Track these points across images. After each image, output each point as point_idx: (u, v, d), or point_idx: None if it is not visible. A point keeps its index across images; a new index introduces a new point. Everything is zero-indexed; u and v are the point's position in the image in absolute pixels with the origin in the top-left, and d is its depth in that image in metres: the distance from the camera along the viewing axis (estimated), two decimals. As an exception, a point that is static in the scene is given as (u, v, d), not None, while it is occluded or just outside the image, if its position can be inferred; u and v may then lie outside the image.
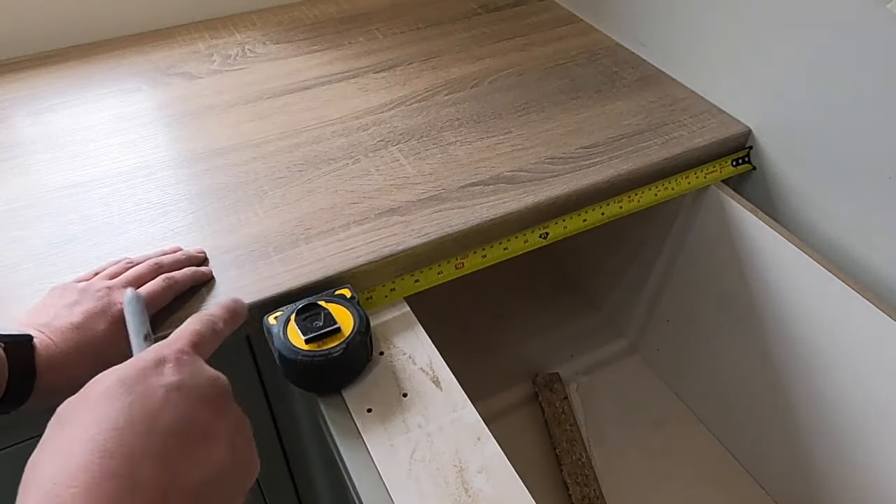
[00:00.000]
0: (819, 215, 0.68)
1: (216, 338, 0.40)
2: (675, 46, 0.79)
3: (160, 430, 0.30)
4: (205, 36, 0.88)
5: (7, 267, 0.55)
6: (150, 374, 0.33)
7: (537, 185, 0.64)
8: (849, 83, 0.61)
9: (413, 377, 0.51)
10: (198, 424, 0.32)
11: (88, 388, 0.32)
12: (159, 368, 0.33)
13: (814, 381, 0.67)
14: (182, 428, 0.31)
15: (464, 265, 0.61)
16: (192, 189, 0.63)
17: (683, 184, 0.70)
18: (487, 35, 0.88)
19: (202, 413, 0.32)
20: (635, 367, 0.93)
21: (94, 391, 0.32)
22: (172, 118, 0.73)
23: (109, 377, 0.32)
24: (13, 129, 0.71)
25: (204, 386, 0.34)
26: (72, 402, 0.32)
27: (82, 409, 0.31)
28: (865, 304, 0.59)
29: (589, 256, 0.99)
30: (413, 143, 0.69)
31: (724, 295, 0.76)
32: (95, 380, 0.33)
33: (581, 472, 0.78)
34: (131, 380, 0.32)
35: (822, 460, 0.69)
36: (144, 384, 0.32)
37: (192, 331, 0.38)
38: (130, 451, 0.29)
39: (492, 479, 0.45)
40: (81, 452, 0.28)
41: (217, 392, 0.34)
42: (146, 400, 0.31)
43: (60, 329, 0.44)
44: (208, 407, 0.33)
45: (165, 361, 0.34)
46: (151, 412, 0.31)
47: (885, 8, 0.55)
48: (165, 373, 0.33)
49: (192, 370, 0.34)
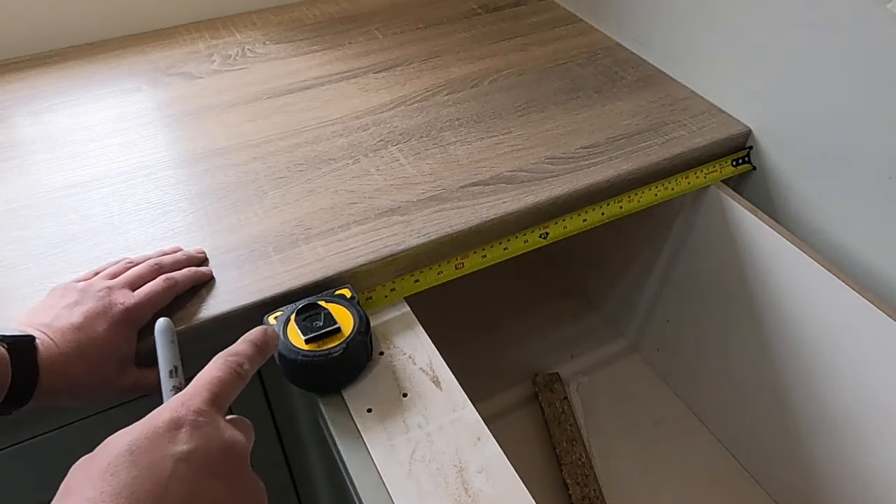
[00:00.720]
0: (819, 215, 0.68)
1: (241, 382, 0.38)
2: (675, 46, 0.79)
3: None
4: (205, 36, 0.88)
5: (7, 267, 0.55)
6: (162, 441, 0.31)
7: (537, 185, 0.64)
8: (849, 83, 0.61)
9: (413, 377, 0.51)
10: (206, 498, 0.31)
11: (98, 455, 0.31)
12: (173, 434, 0.32)
13: (814, 380, 0.67)
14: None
15: (464, 265, 0.61)
16: (192, 189, 0.63)
17: (683, 184, 0.70)
18: (487, 35, 0.88)
19: (210, 487, 0.31)
20: (635, 367, 0.93)
21: (102, 460, 0.30)
22: (172, 118, 0.73)
23: (119, 444, 0.31)
24: (13, 129, 0.71)
25: (216, 454, 0.33)
26: (79, 467, 0.31)
27: (87, 480, 0.30)
28: (865, 304, 0.59)
29: (589, 256, 0.99)
30: (413, 143, 0.69)
31: (724, 295, 0.76)
32: (106, 444, 0.31)
33: (581, 472, 0.78)
34: (140, 450, 0.31)
35: (821, 460, 0.69)
36: (153, 455, 0.31)
37: (213, 379, 0.36)
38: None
39: (492, 479, 0.45)
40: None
41: (230, 460, 0.33)
42: (153, 474, 0.30)
43: (61, 330, 0.44)
44: (218, 479, 0.32)
45: (181, 426, 0.32)
46: (157, 491, 0.29)
47: (885, 8, 0.55)
48: (178, 440, 0.32)
49: (207, 436, 0.33)
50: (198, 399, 0.34)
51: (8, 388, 0.41)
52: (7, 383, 0.41)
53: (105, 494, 0.28)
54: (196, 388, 0.36)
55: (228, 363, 0.38)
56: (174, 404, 0.34)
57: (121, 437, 0.32)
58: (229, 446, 0.33)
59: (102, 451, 0.31)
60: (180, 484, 0.30)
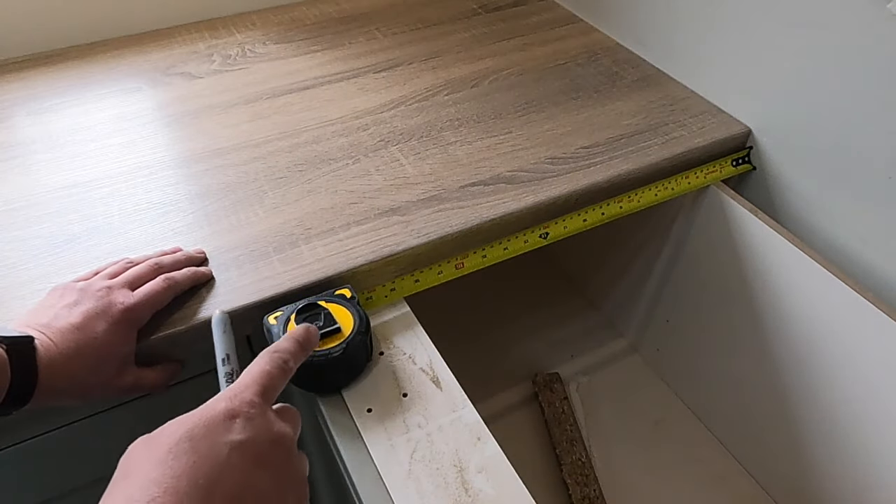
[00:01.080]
0: (819, 215, 0.68)
1: (286, 377, 0.40)
2: (675, 46, 0.79)
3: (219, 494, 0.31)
4: (205, 36, 0.88)
5: (7, 267, 0.55)
6: (219, 429, 0.34)
7: (537, 185, 0.64)
8: (849, 83, 0.61)
9: (413, 377, 0.51)
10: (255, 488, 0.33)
11: (157, 438, 0.33)
12: (228, 423, 0.34)
13: (813, 380, 0.67)
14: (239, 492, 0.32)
15: (464, 265, 0.61)
16: (192, 189, 0.63)
17: (683, 184, 0.70)
18: (487, 35, 0.88)
19: (260, 477, 0.33)
20: (635, 367, 0.93)
21: (163, 443, 0.32)
22: (172, 118, 0.73)
23: (179, 430, 0.33)
24: (13, 129, 0.71)
25: (266, 446, 0.35)
26: (140, 448, 0.33)
27: (148, 462, 0.32)
28: (865, 304, 0.59)
29: (589, 256, 0.99)
30: (413, 143, 0.69)
31: (724, 295, 0.76)
32: (164, 429, 0.33)
33: (581, 472, 0.78)
34: (198, 437, 0.33)
35: (822, 460, 0.69)
36: (210, 440, 0.33)
37: (263, 373, 0.38)
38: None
39: (492, 479, 0.45)
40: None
41: (278, 452, 0.35)
42: (209, 460, 0.32)
43: (61, 330, 0.44)
44: (268, 468, 0.34)
45: (235, 416, 0.35)
46: (212, 476, 0.31)
47: (886, 8, 0.55)
48: (234, 429, 0.34)
49: (259, 427, 0.35)
50: (249, 392, 0.36)
51: (7, 389, 0.41)
52: (6, 384, 0.41)
53: (167, 476, 0.30)
54: (247, 381, 0.37)
55: (275, 359, 0.40)
56: (227, 395, 0.36)
57: (180, 423, 0.34)
58: (278, 439, 0.36)
59: (161, 435, 0.33)
60: (233, 471, 0.32)
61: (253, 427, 0.35)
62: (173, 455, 0.32)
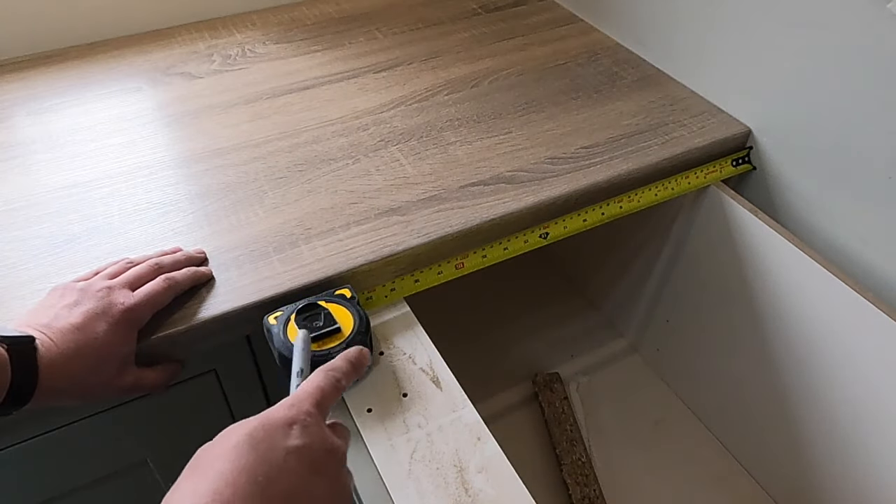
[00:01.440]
0: (819, 215, 0.68)
1: (338, 394, 0.42)
2: (675, 46, 0.79)
3: (274, 493, 0.33)
4: (205, 36, 0.88)
5: (7, 267, 0.55)
6: (277, 434, 0.36)
7: (537, 185, 0.64)
8: (849, 83, 0.61)
9: (413, 377, 0.51)
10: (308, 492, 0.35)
11: (223, 438, 0.36)
12: (286, 430, 0.36)
13: (813, 380, 0.67)
14: (293, 493, 0.34)
15: (464, 265, 0.61)
16: (192, 189, 0.63)
17: (683, 184, 0.70)
18: (487, 35, 0.88)
19: (314, 482, 0.35)
20: (635, 367, 0.93)
21: (227, 443, 0.35)
22: (172, 118, 0.73)
23: (240, 431, 0.35)
24: (13, 129, 0.71)
25: (320, 454, 0.37)
26: (207, 451, 0.35)
27: (217, 458, 0.34)
28: (865, 304, 0.59)
29: (589, 256, 0.99)
30: (413, 143, 0.69)
31: (724, 295, 0.76)
32: (227, 433, 0.36)
33: (581, 472, 0.78)
34: (257, 439, 0.35)
35: (822, 460, 0.69)
36: (270, 443, 0.35)
37: (318, 389, 0.40)
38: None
39: (492, 479, 0.45)
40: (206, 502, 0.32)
41: (330, 462, 0.37)
42: (267, 461, 0.34)
43: (61, 330, 0.44)
44: (321, 475, 0.36)
45: (293, 423, 0.37)
46: (270, 475, 0.34)
47: (886, 8, 0.55)
48: (291, 436, 0.36)
49: (315, 435, 0.37)
50: (306, 403, 0.39)
51: (8, 389, 0.41)
52: (7, 383, 0.41)
53: (233, 468, 0.33)
54: (303, 394, 0.40)
55: (329, 377, 0.42)
56: (286, 404, 0.38)
57: (241, 426, 0.36)
58: (332, 449, 0.38)
59: (224, 437, 0.36)
60: (288, 475, 0.35)
61: (309, 435, 0.37)
62: (236, 452, 0.34)
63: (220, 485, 0.32)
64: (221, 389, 0.62)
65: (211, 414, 0.63)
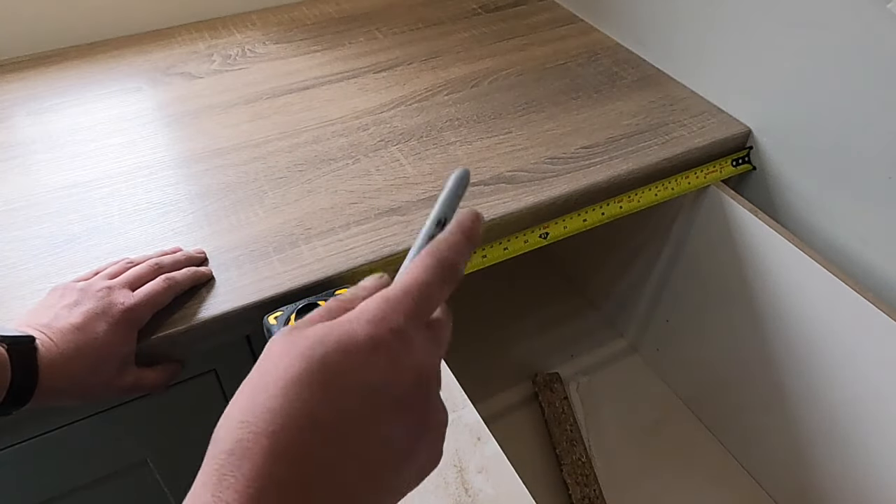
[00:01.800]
0: (819, 215, 0.68)
1: (451, 286, 0.31)
2: (674, 46, 0.79)
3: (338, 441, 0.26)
4: (205, 36, 0.88)
5: (7, 267, 0.55)
6: (355, 365, 0.27)
7: (537, 185, 0.64)
8: (849, 83, 0.61)
9: (413, 377, 0.51)
10: (383, 440, 0.27)
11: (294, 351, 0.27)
12: (368, 358, 0.27)
13: (814, 380, 0.67)
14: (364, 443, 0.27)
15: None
16: (192, 189, 0.63)
17: (683, 184, 0.70)
18: (487, 35, 0.88)
19: (393, 427, 0.28)
20: (635, 367, 0.93)
21: (295, 364, 0.26)
22: (172, 118, 0.73)
23: (315, 352, 0.27)
24: (13, 129, 0.71)
25: (409, 389, 0.28)
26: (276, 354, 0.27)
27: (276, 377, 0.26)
28: (865, 303, 0.59)
29: (589, 256, 0.99)
30: (413, 143, 0.69)
31: (723, 295, 0.76)
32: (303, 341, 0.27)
33: (581, 472, 0.78)
34: (332, 372, 0.26)
35: (822, 460, 0.69)
36: (343, 379, 0.26)
37: (419, 285, 0.29)
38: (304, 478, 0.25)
39: (492, 479, 0.45)
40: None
41: (419, 396, 0.29)
42: (338, 402, 0.26)
43: (61, 330, 0.44)
44: (404, 417, 0.28)
45: (378, 348, 0.27)
46: (336, 420, 0.26)
47: (886, 8, 0.55)
48: (374, 369, 0.27)
49: (403, 367, 0.28)
50: (400, 313, 0.28)
51: (7, 389, 0.41)
52: (7, 383, 0.41)
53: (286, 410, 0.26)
54: (398, 295, 0.29)
55: (435, 266, 0.30)
56: (373, 316, 0.28)
57: (316, 342, 0.27)
58: (422, 380, 0.29)
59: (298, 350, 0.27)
60: (362, 421, 0.27)
61: (395, 369, 0.28)
62: (301, 384, 0.26)
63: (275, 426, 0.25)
64: (221, 389, 0.62)
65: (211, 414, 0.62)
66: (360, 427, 0.27)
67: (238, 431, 0.25)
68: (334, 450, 0.26)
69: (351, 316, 0.28)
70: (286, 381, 0.26)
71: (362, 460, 0.26)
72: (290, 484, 0.25)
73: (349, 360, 0.27)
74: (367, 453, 0.27)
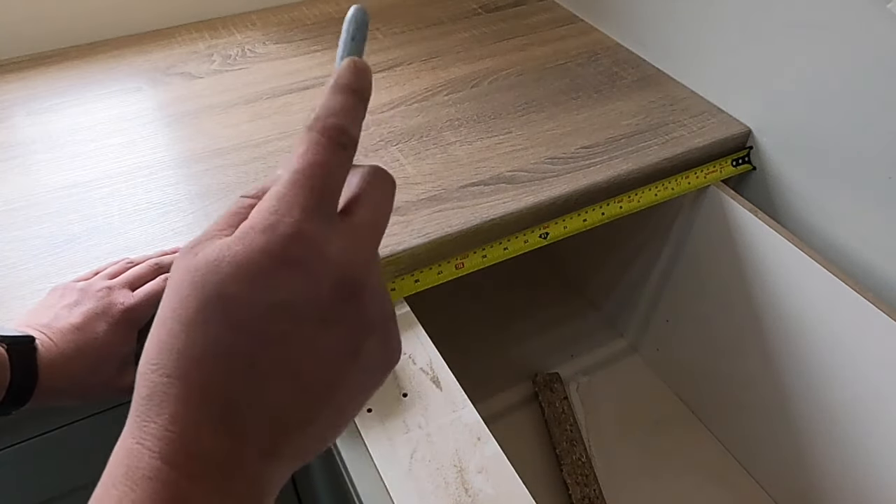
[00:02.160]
0: (819, 215, 0.68)
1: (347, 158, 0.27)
2: (674, 46, 0.79)
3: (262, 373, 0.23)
4: (205, 36, 0.88)
5: (7, 267, 0.55)
6: (255, 287, 0.23)
7: (537, 185, 0.64)
8: (849, 83, 0.61)
9: (413, 377, 0.51)
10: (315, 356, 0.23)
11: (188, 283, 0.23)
12: (270, 275, 0.23)
13: (813, 380, 0.67)
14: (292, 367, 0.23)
15: (464, 265, 0.61)
16: (192, 189, 0.63)
17: (683, 184, 0.70)
18: (487, 35, 0.88)
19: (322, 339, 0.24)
20: (635, 367, 0.93)
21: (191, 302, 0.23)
22: (172, 118, 0.73)
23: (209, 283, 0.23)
24: (13, 129, 0.71)
25: (329, 292, 0.24)
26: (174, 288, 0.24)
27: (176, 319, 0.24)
28: (865, 304, 0.59)
29: (589, 256, 0.99)
30: (413, 143, 0.69)
31: (724, 295, 0.76)
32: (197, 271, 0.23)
33: (581, 472, 0.78)
34: (232, 302, 0.23)
35: (822, 460, 0.69)
36: (247, 311, 0.23)
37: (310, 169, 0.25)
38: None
39: (492, 479, 0.45)
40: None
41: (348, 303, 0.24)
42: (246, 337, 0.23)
43: (61, 330, 0.44)
44: (332, 325, 0.24)
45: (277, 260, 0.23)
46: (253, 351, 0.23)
47: (886, 8, 0.55)
48: (279, 285, 0.23)
49: (314, 271, 0.23)
50: (296, 210, 0.23)
51: (7, 388, 0.41)
52: (6, 383, 0.41)
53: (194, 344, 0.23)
54: (289, 189, 0.24)
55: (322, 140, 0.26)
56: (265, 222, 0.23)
57: (211, 269, 0.23)
58: (340, 283, 0.24)
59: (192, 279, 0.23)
60: (282, 345, 0.23)
61: (306, 280, 0.23)
62: (199, 322, 0.23)
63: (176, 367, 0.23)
64: (221, 389, 0.61)
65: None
66: (279, 351, 0.23)
67: (152, 375, 0.24)
68: (254, 380, 0.23)
69: (245, 227, 0.24)
70: (185, 319, 0.23)
71: (294, 381, 0.23)
72: (210, 421, 0.22)
73: (248, 286, 0.23)
74: (298, 374, 0.23)
